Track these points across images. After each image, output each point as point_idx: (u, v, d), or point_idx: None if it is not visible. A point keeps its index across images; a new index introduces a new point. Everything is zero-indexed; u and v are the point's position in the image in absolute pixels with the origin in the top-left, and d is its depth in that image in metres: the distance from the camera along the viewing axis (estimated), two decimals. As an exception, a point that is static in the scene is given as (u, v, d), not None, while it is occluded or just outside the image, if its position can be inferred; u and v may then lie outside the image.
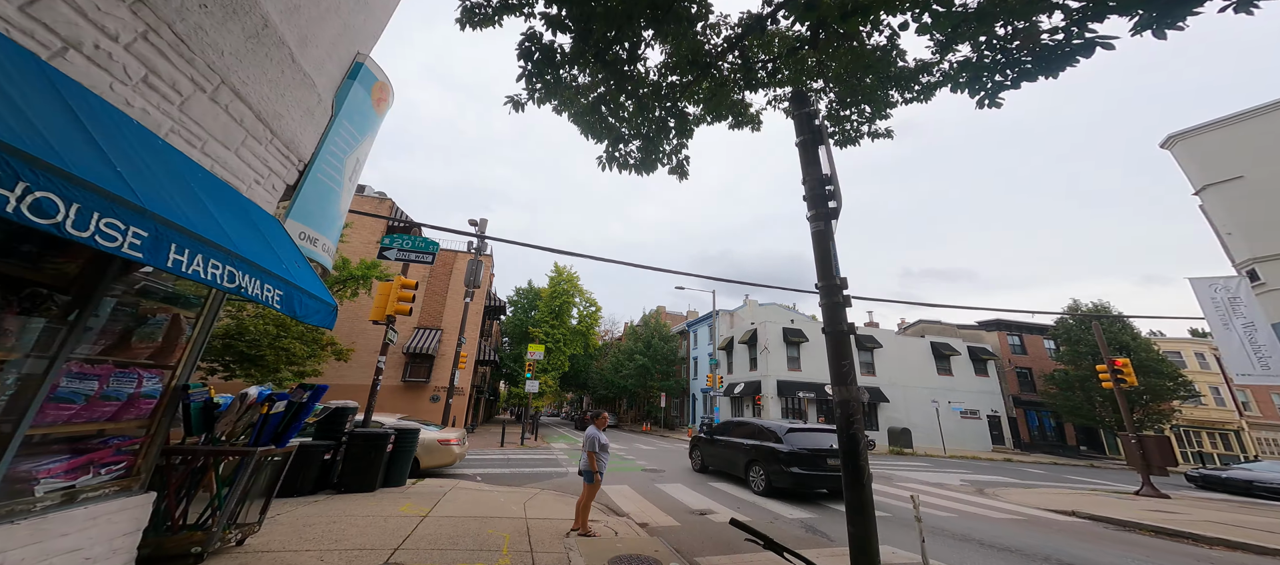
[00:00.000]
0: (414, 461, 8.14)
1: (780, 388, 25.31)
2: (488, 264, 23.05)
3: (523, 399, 30.08)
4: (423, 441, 8.25)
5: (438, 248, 8.86)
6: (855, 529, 3.00)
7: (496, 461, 11.60)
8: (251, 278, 2.54)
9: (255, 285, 2.56)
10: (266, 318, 10.20)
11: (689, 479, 9.48)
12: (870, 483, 3.09)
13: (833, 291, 3.58)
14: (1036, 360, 28.60)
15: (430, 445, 8.40)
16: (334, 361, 17.49)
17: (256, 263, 2.62)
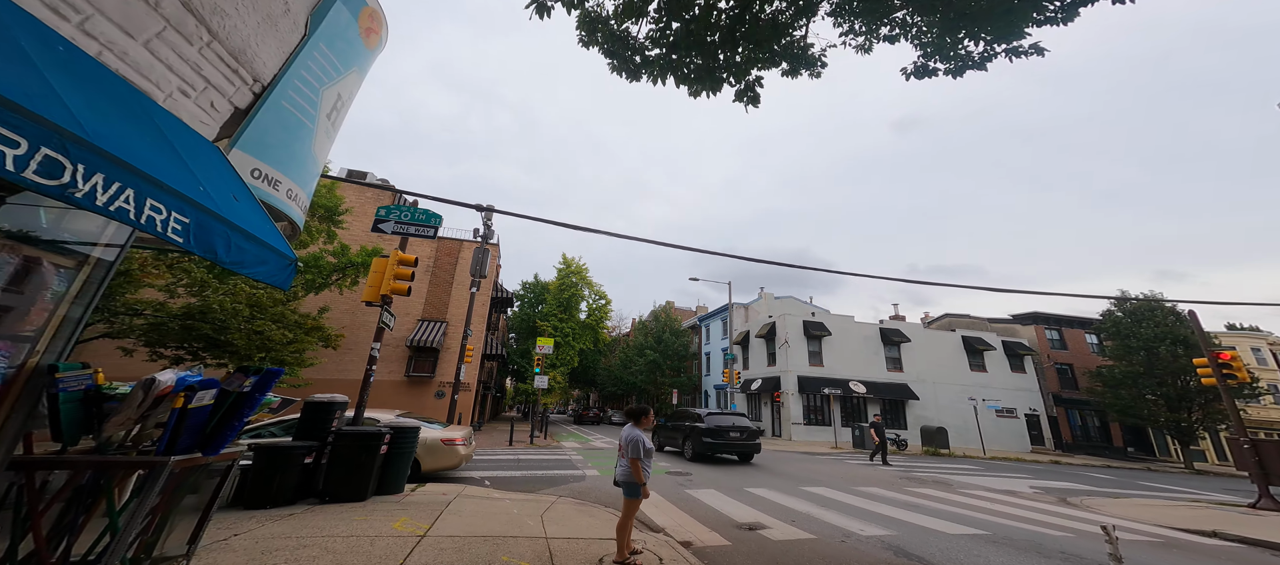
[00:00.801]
0: (414, 464, 7.25)
1: (801, 384, 24.17)
2: (495, 253, 22.20)
3: (531, 396, 29.33)
4: (424, 442, 7.35)
5: (440, 221, 7.92)
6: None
7: (506, 462, 10.71)
8: (128, 190, 1.56)
9: (134, 203, 1.58)
10: (238, 295, 9.22)
11: (722, 482, 8.49)
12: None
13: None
14: (1078, 356, 27.05)
15: (432, 446, 7.49)
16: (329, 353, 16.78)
17: (144, 172, 1.64)
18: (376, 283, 6.78)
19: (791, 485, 8.71)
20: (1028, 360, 26.26)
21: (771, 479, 9.35)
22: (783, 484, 8.78)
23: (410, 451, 6.06)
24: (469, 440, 8.31)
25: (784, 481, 9.07)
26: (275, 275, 2.59)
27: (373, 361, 6.68)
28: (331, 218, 14.52)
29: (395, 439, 5.80)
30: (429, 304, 19.83)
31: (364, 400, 6.33)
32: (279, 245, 2.64)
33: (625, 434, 3.92)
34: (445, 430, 7.98)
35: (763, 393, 26.94)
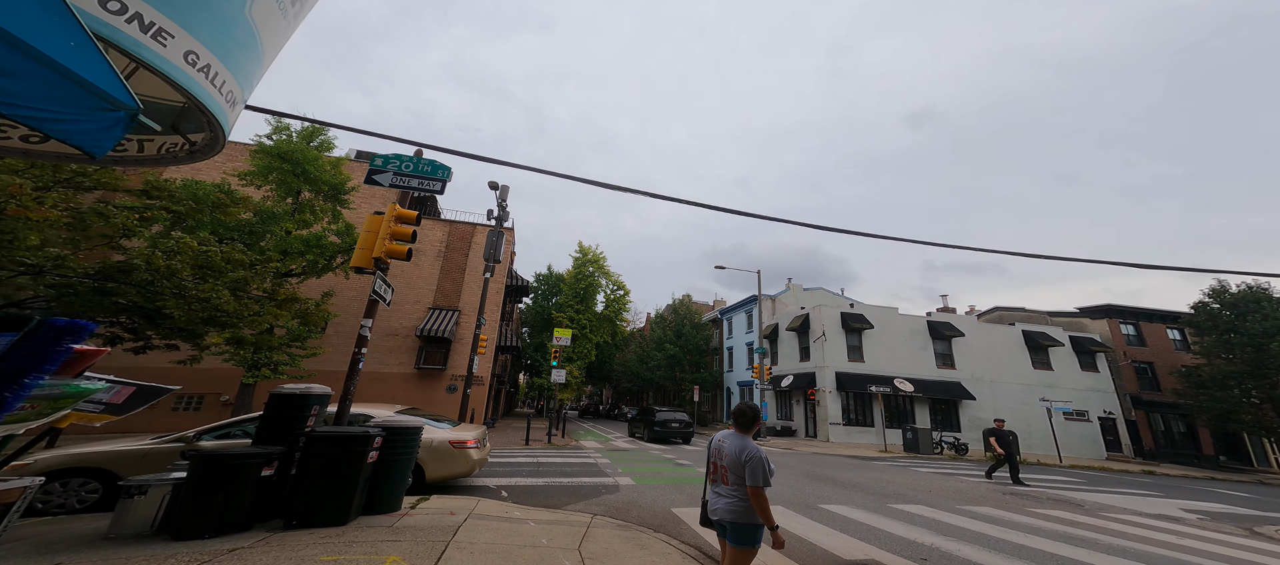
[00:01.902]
0: (417, 472, 6.04)
1: (840, 380, 22.40)
2: (509, 238, 21.09)
3: (546, 391, 28.36)
4: (428, 445, 6.14)
5: (449, 173, 6.63)
6: None
7: (524, 467, 9.50)
8: None
9: None
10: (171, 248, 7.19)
11: (784, 495, 7.05)
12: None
13: None
14: (1159, 353, 24.34)
15: (440, 449, 6.28)
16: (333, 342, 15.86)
17: None
18: (369, 244, 5.54)
19: (875, 501, 7.20)
20: (1101, 358, 23.75)
21: (844, 493, 7.85)
22: (863, 500, 7.28)
23: (410, 457, 4.81)
24: (483, 442, 7.08)
25: (862, 496, 7.57)
26: (91, 134, 1.25)
27: (363, 342, 5.45)
28: (337, 196, 13.53)
29: (389, 442, 4.55)
30: (441, 292, 18.86)
31: (350, 390, 5.11)
32: (101, 80, 1.30)
33: (734, 447, 2.51)
34: (455, 430, 6.76)
35: (794, 390, 25.25)
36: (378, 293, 5.36)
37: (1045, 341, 23.49)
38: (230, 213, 10.45)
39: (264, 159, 12.13)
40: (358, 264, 5.44)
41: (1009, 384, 22.96)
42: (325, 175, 12.86)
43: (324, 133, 13.34)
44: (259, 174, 12.20)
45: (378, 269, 5.54)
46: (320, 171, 12.71)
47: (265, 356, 11.33)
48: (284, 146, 12.23)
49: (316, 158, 12.66)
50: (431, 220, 20.43)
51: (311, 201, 13.31)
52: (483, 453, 6.97)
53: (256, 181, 12.35)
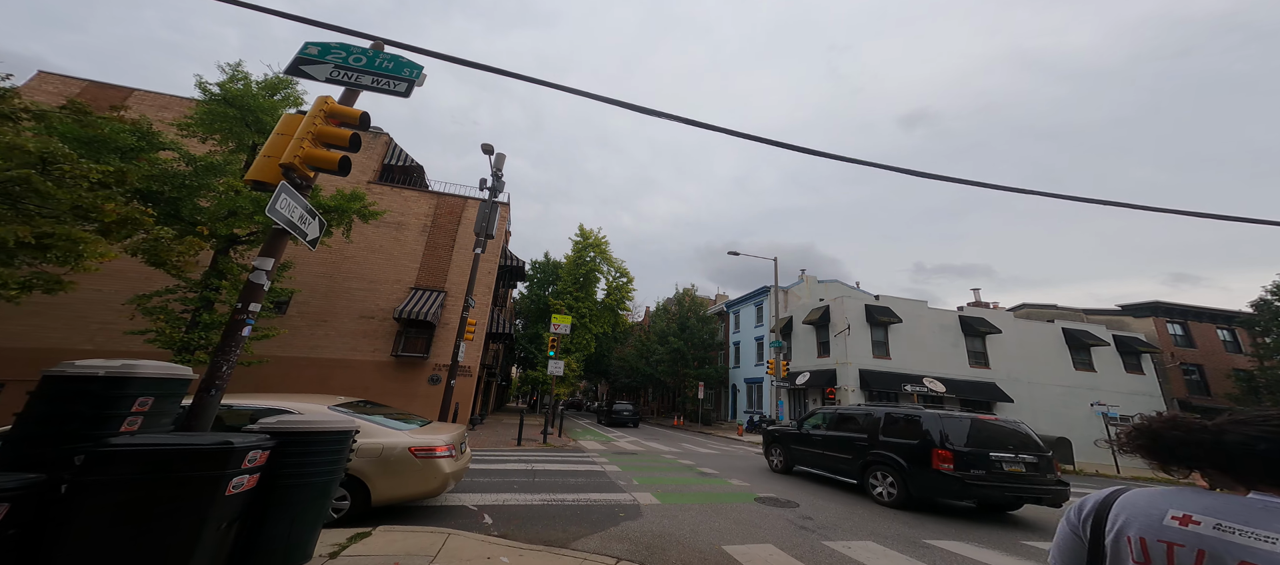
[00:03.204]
0: (361, 492, 4.23)
1: (864, 379, 20.75)
2: (504, 214, 19.15)
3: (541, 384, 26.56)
4: (375, 453, 4.33)
5: (419, 74, 4.73)
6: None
7: (516, 476, 7.70)
8: None
9: None
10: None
11: (872, 528, 5.32)
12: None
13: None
14: (1208, 355, 22.87)
15: (394, 459, 4.46)
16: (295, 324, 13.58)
17: None
18: (278, 148, 3.64)
19: (990, 533, 5.47)
20: (1146, 359, 22.24)
21: (941, 522, 6.10)
22: (980, 533, 5.54)
23: (329, 476, 2.97)
24: (459, 448, 5.26)
25: (973, 528, 5.82)
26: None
27: (254, 295, 3.53)
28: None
29: (286, 455, 2.71)
30: (425, 270, 16.94)
31: (218, 373, 3.19)
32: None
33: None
34: (420, 433, 4.93)
35: (811, 388, 23.61)
36: (287, 219, 3.46)
37: (1088, 340, 21.93)
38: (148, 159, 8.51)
39: (208, 106, 10.16)
40: (257, 176, 3.54)
41: (1048, 385, 21.42)
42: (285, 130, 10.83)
43: (290, 86, 11.37)
44: (200, 123, 10.21)
45: (293, 184, 3.64)
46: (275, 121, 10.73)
47: (199, 337, 9.41)
48: (232, 92, 10.23)
49: (275, 109, 10.68)
50: (417, 191, 18.47)
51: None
52: (459, 462, 5.15)
53: (198, 131, 10.35)
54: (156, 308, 9.41)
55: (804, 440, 9.02)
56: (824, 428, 8.72)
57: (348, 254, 15.70)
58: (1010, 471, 6.16)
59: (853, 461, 7.58)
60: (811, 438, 8.83)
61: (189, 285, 10.01)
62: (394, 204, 17.71)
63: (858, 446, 7.57)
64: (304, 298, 14.48)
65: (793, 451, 9.31)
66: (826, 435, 8.47)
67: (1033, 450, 6.46)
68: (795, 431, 9.44)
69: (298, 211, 3.57)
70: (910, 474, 6.52)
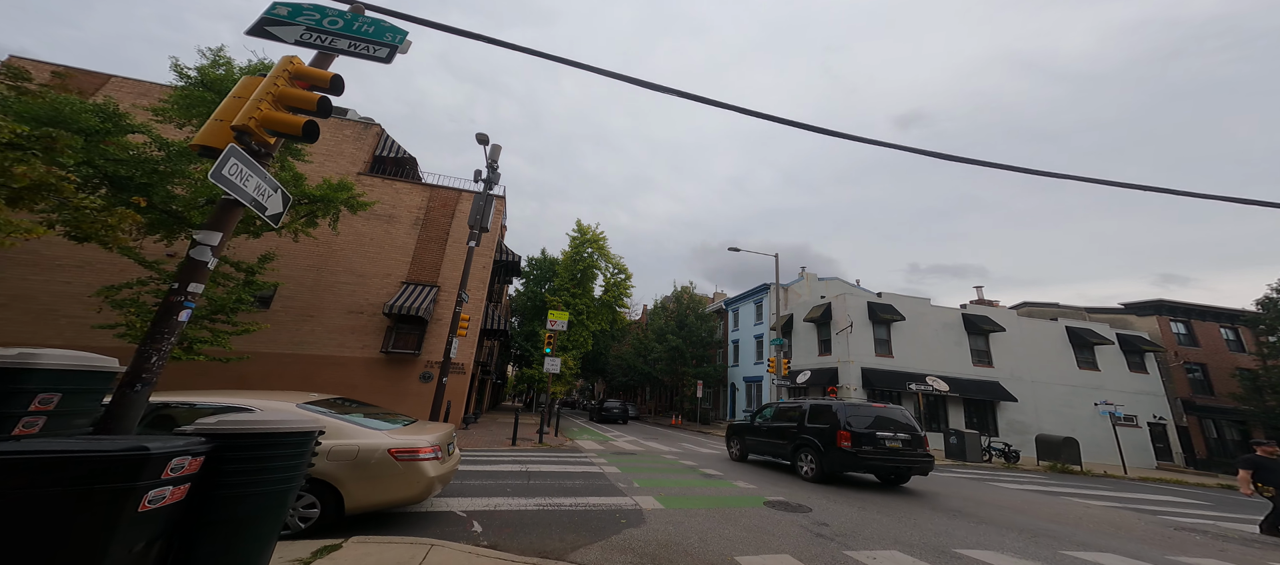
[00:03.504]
0: (332, 498, 3.79)
1: (866, 378, 20.45)
2: (500, 207, 18.65)
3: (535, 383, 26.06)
4: (349, 456, 3.89)
5: (403, 40, 4.28)
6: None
7: (509, 478, 7.26)
8: None
9: None
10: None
11: (896, 533, 4.93)
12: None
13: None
14: (1212, 354, 22.76)
15: (371, 463, 4.02)
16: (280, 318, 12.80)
17: None
18: (231, 110, 3.16)
19: (1029, 544, 5.09)
20: (1150, 358, 22.08)
21: (968, 528, 5.72)
22: (1013, 541, 5.16)
23: (282, 487, 2.53)
24: (447, 449, 4.82)
25: (1004, 534, 5.44)
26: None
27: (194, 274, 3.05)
28: (288, 146, 11.04)
29: (225, 463, 2.28)
30: (417, 264, 16.42)
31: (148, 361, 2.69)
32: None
33: None
34: (402, 433, 4.48)
35: (812, 387, 23.29)
36: (236, 187, 2.98)
37: (1092, 339, 21.75)
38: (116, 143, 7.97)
39: (185, 91, 9.64)
40: (206, 141, 3.07)
41: (1052, 384, 21.21)
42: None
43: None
44: (177, 108, 9.68)
45: (249, 151, 3.17)
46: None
47: (173, 329, 8.85)
48: (211, 76, 9.69)
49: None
50: (409, 183, 17.93)
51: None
52: (446, 465, 4.70)
53: (175, 118, 9.80)
54: (127, 300, 8.89)
55: (754, 431, 10.26)
56: (769, 420, 9.99)
57: (336, 246, 15.17)
58: (891, 447, 7.90)
59: (786, 446, 9.05)
60: (759, 429, 10.12)
61: (163, 277, 9.49)
62: (385, 196, 17.19)
63: (790, 434, 8.98)
64: (289, 292, 13.96)
65: (747, 442, 10.49)
66: (770, 426, 9.79)
67: (909, 431, 8.21)
68: (749, 424, 10.63)
69: (252, 181, 3.10)
70: (824, 453, 8.03)
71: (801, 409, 9.13)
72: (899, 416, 8.45)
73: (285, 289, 13.78)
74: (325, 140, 17.69)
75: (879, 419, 8.21)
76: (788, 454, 8.99)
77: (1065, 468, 14.46)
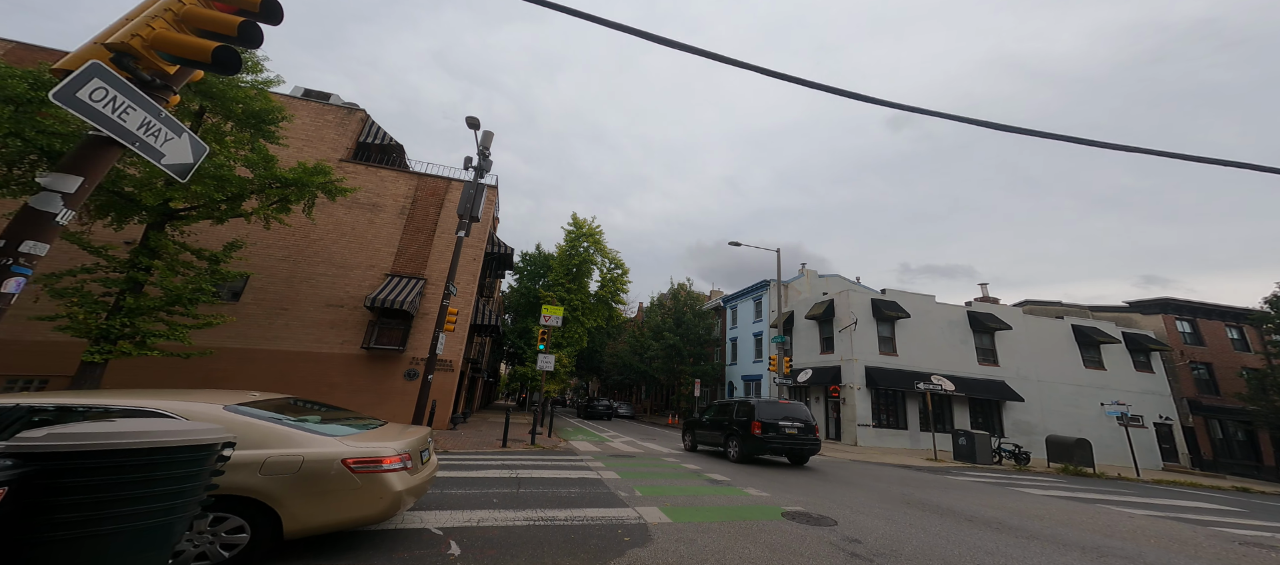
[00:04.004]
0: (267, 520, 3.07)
1: (870, 376, 19.96)
2: (491, 197, 17.84)
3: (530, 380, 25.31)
4: (286, 467, 3.17)
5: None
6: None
7: (497, 487, 6.55)
8: None
9: None
10: None
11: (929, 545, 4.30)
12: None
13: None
14: (1218, 353, 22.57)
15: (320, 476, 3.30)
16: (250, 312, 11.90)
17: None
18: (111, 31, 2.39)
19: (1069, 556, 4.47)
20: (1156, 357, 21.84)
21: (1021, 545, 5.10)
22: (1078, 562, 4.53)
23: (162, 519, 1.81)
24: (420, 456, 4.10)
25: (1067, 554, 4.82)
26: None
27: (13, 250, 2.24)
28: (259, 125, 10.21)
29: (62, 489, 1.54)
30: (403, 256, 15.59)
31: None
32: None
33: None
34: (362, 439, 3.75)
35: (813, 386, 22.77)
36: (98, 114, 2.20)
37: (1098, 337, 21.44)
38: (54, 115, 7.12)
39: None
40: (69, 65, 2.28)
41: (1058, 384, 20.87)
42: (237, 92, 9.58)
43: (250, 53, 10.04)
44: None
45: (137, 78, 2.39)
46: (230, 86, 9.43)
47: (122, 325, 8.04)
48: None
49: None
50: (396, 172, 17.08)
51: (217, 126, 10.01)
52: (420, 475, 3.98)
53: None
54: (69, 289, 8.02)
55: (702, 426, 12.19)
56: (712, 416, 11.96)
57: (314, 236, 14.30)
58: (789, 434, 10.09)
59: (721, 435, 11.05)
60: (705, 423, 12.08)
61: (112, 264, 8.63)
62: (369, 183, 16.32)
63: (723, 426, 11.04)
64: (261, 283, 13.07)
65: (696, 434, 12.36)
66: (712, 420, 11.79)
67: (804, 421, 10.36)
68: (698, 420, 12.56)
69: (135, 115, 2.32)
70: (743, 439, 10.06)
71: (731, 406, 11.21)
72: (798, 411, 10.51)
73: (257, 280, 12.89)
74: (304, 125, 16.77)
75: (783, 413, 10.32)
76: (721, 441, 10.99)
77: (1078, 470, 14.02)
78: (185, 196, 8.76)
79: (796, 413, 10.41)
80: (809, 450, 10.17)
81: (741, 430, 10.15)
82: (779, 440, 9.87)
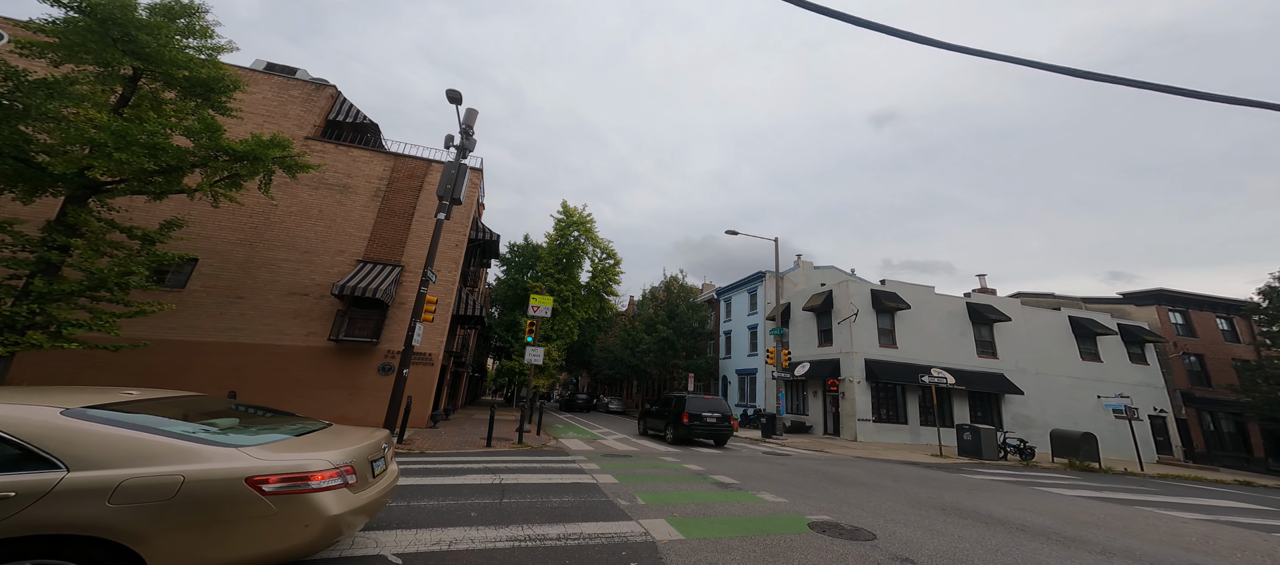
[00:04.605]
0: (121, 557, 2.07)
1: (870, 369, 19.51)
2: (475, 180, 16.69)
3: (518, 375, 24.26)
4: (155, 492, 2.22)
5: None
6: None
7: (478, 492, 5.65)
8: None
9: None
10: None
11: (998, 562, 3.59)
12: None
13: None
14: (1209, 344, 22.80)
15: (209, 501, 2.37)
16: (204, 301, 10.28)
17: None
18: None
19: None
20: (1150, 349, 21.93)
21: (1084, 560, 4.43)
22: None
23: None
24: (370, 467, 3.18)
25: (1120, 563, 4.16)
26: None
27: None
28: (207, 95, 9.00)
29: None
30: (377, 241, 14.40)
31: None
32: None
33: None
34: (282, 451, 2.81)
35: (811, 380, 22.32)
36: None
37: (1095, 329, 21.40)
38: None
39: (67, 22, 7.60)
40: None
41: (1056, 376, 20.77)
42: (178, 56, 8.37)
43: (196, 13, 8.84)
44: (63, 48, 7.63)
45: None
46: (168, 48, 8.20)
47: (30, 312, 6.86)
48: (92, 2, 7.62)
49: (159, 28, 8.08)
50: (370, 152, 15.81)
51: (155, 93, 8.79)
52: (366, 493, 3.06)
53: (51, 54, 7.72)
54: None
55: (650, 414, 15.20)
56: (656, 407, 14.91)
57: (274, 218, 13.03)
58: (709, 422, 12.69)
59: (662, 423, 13.68)
60: (652, 413, 15.08)
61: (19, 242, 7.40)
62: (339, 163, 15.04)
63: (664, 415, 13.78)
64: (212, 268, 11.80)
65: (647, 422, 15.37)
66: (656, 411, 14.75)
67: (720, 412, 12.94)
68: (648, 410, 15.63)
69: None
70: (675, 425, 12.72)
71: (670, 400, 13.77)
72: (718, 405, 13.10)
73: (208, 265, 11.62)
74: (266, 99, 15.37)
75: (706, 406, 12.88)
76: (662, 428, 13.56)
77: (1085, 465, 13.73)
78: (108, 166, 7.54)
79: (717, 406, 13.01)
80: (725, 434, 12.89)
81: (675, 418, 12.72)
82: (701, 427, 12.53)
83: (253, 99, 15.11)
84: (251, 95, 15.16)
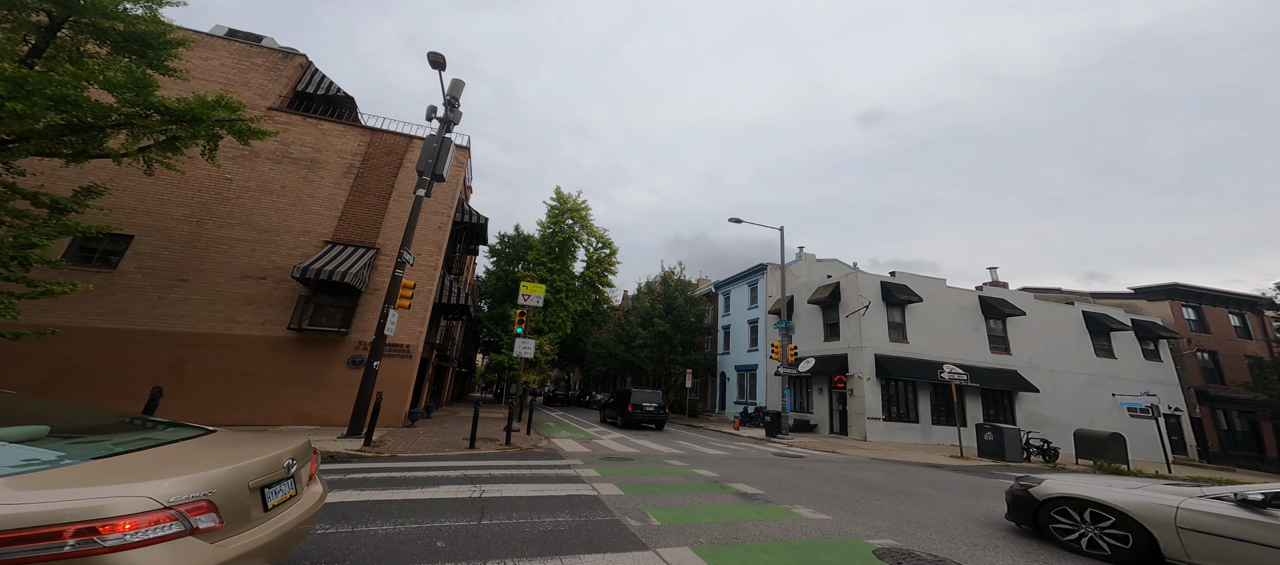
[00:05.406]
0: None
1: (880, 365, 18.68)
2: (461, 159, 15.38)
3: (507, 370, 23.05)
4: None
5: None
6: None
7: (450, 510, 4.51)
8: None
9: None
10: None
11: None
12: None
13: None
14: (1223, 341, 22.40)
15: None
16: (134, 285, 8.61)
17: None
18: None
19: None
20: (1164, 346, 21.43)
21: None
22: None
23: None
24: (260, 494, 2.02)
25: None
26: None
27: None
28: (143, 50, 7.66)
29: None
30: (348, 221, 13.09)
31: None
32: None
33: None
34: (70, 479, 1.63)
35: (816, 376, 21.45)
36: None
37: (1110, 324, 20.81)
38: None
39: None
40: None
41: (1070, 373, 20.16)
42: (106, 4, 7.04)
43: None
44: None
45: None
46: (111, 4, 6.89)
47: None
48: None
49: None
50: (342, 125, 14.47)
51: (77, 44, 7.46)
52: (234, 545, 1.90)
53: None
54: None
55: (608, 406, 18.55)
56: (611, 400, 18.39)
57: (227, 194, 11.65)
58: (649, 410, 16.19)
59: (614, 413, 17.01)
60: (609, 405, 18.32)
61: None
62: (306, 136, 13.67)
63: (617, 407, 16.82)
64: (150, 247, 10.41)
65: (605, 412, 18.76)
66: (610, 403, 18.18)
67: (657, 402, 16.44)
68: (604, 403, 19.42)
69: None
70: (625, 414, 15.97)
71: (622, 394, 16.91)
72: (655, 397, 16.47)
73: (145, 244, 10.22)
74: (224, 65, 13.92)
75: (646, 398, 16.26)
76: (613, 417, 17.00)
77: (1113, 467, 13.00)
78: (2, 118, 6.19)
79: (654, 398, 16.41)
80: (661, 420, 16.26)
81: (623, 407, 16.08)
82: (642, 415, 15.86)
83: (208, 65, 13.66)
84: (206, 61, 13.69)
